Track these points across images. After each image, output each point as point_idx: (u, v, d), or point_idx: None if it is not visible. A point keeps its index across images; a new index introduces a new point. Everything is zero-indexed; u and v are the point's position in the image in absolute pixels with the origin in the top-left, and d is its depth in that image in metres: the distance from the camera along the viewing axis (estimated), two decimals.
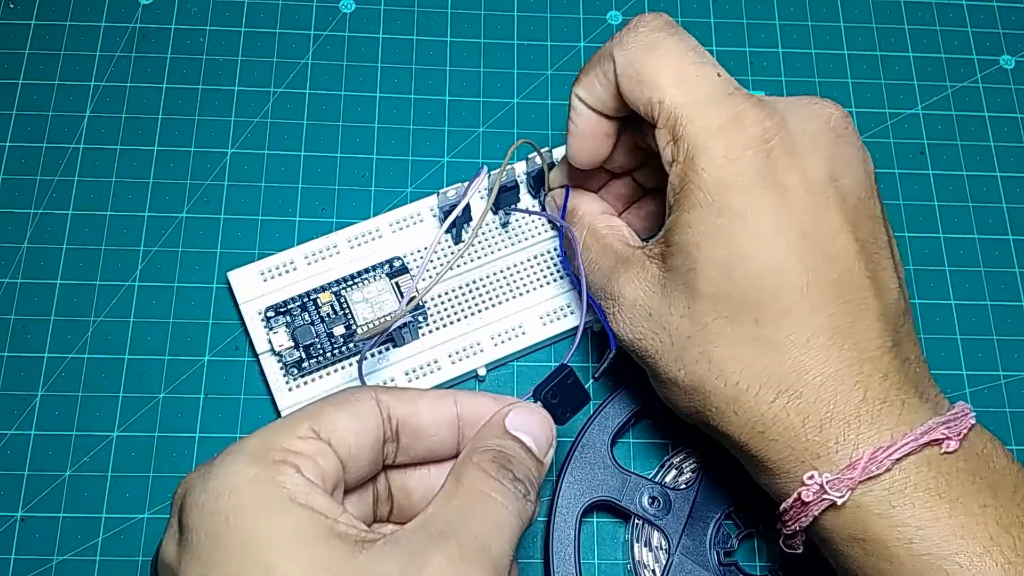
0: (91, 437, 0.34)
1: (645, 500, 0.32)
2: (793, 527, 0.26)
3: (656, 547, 0.32)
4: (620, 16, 0.42)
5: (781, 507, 0.27)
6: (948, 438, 0.25)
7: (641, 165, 0.33)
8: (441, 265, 0.36)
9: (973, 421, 0.26)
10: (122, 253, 0.37)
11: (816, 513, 0.25)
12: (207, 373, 0.35)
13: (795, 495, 0.26)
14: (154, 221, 0.37)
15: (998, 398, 0.36)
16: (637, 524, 0.32)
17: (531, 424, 0.26)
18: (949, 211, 0.39)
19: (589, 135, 0.30)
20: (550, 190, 0.35)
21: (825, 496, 0.25)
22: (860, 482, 0.25)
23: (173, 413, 0.34)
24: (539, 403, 0.27)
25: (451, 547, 0.21)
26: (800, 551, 0.27)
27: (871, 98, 0.41)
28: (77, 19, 0.40)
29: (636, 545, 0.32)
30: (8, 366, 0.35)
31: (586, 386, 0.29)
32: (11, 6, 0.41)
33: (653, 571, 0.32)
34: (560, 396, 0.27)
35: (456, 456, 0.26)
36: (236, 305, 0.35)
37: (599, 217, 0.32)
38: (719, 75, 0.27)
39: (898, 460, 0.24)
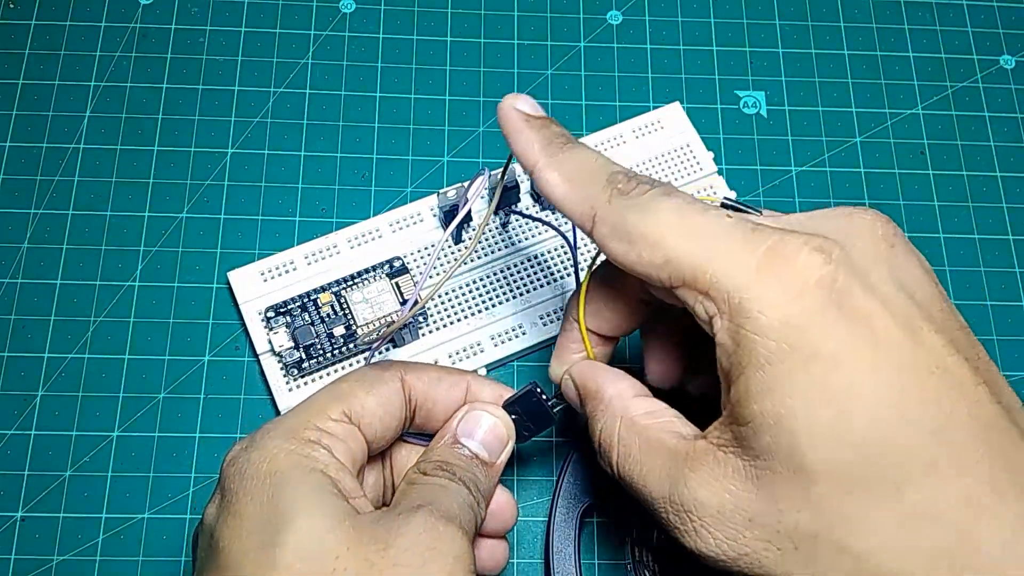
0: (91, 437, 0.34)
1: None
2: None
3: (656, 546, 0.32)
4: (620, 16, 0.42)
5: None
6: None
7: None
8: (443, 267, 0.36)
9: None
10: (122, 253, 0.37)
11: None
12: (207, 373, 0.35)
13: None
14: (154, 221, 0.37)
15: None
16: (637, 524, 0.32)
17: (481, 429, 0.27)
18: (949, 211, 0.39)
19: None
20: (560, 376, 0.28)
21: None
22: None
23: (173, 413, 0.34)
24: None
25: (429, 510, 0.24)
26: None
27: (871, 98, 0.41)
28: (77, 19, 0.40)
29: (636, 545, 0.32)
30: (8, 366, 0.35)
31: (558, 407, 0.28)
32: (11, 6, 0.41)
33: (653, 571, 0.32)
34: (522, 414, 0.28)
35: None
36: (236, 305, 0.35)
37: (632, 402, 0.25)
38: (729, 216, 0.23)
39: None
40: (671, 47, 0.42)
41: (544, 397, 0.28)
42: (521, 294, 0.36)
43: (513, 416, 0.28)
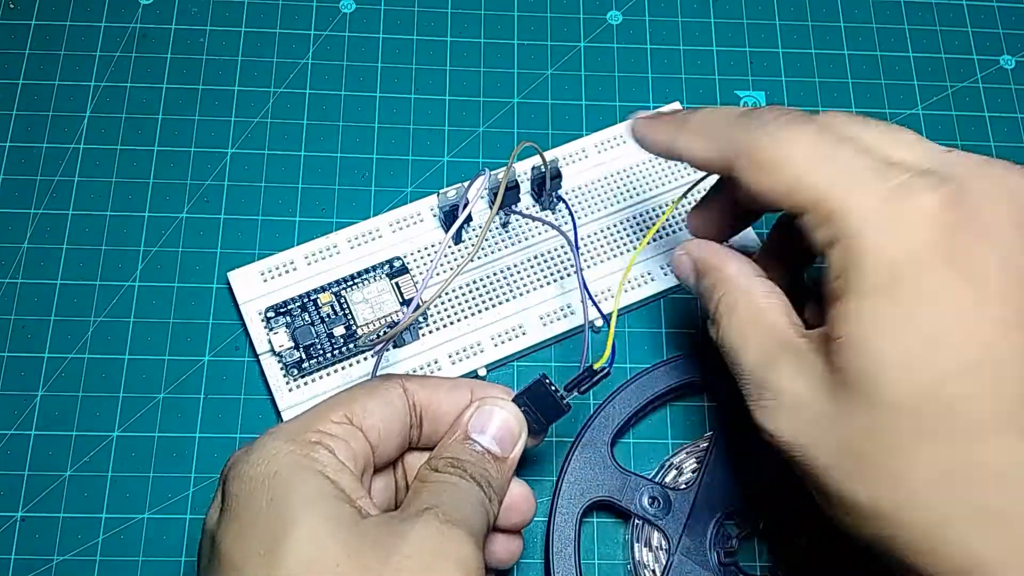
0: (91, 437, 0.34)
1: (645, 500, 0.32)
2: None
3: (656, 547, 0.32)
4: (620, 16, 0.42)
5: None
6: None
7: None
8: (444, 268, 0.36)
9: None
10: (122, 253, 0.37)
11: None
12: (207, 373, 0.35)
13: None
14: (154, 221, 0.37)
15: None
16: (637, 524, 0.32)
17: (492, 424, 0.27)
18: None
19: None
20: (687, 239, 0.30)
21: None
22: None
23: (173, 413, 0.34)
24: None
25: (435, 512, 0.23)
26: None
27: (871, 98, 0.41)
28: (77, 19, 0.40)
29: (636, 545, 0.32)
30: (8, 366, 0.35)
31: (568, 398, 0.28)
32: (11, 6, 0.41)
33: (653, 571, 0.32)
34: (532, 407, 0.28)
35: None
36: (236, 305, 0.35)
37: (754, 282, 0.27)
38: (867, 148, 0.23)
39: None
40: (671, 47, 0.42)
41: (553, 388, 0.28)
42: (521, 294, 0.36)
43: (524, 409, 0.27)
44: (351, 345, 0.34)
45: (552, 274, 0.36)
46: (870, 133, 0.24)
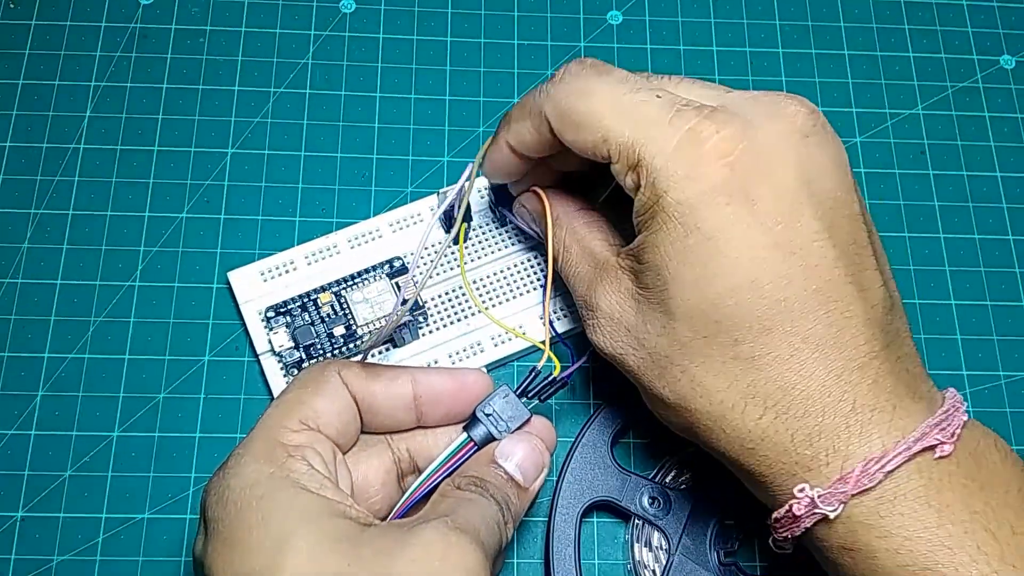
0: (91, 437, 0.34)
1: (645, 500, 0.32)
2: (784, 535, 0.26)
3: (656, 547, 0.32)
4: (620, 16, 0.42)
5: (773, 516, 0.26)
6: (941, 443, 0.24)
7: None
8: (442, 265, 0.36)
9: (965, 417, 0.25)
10: (122, 253, 0.37)
11: (808, 525, 0.25)
12: (207, 373, 0.35)
13: (786, 507, 0.26)
14: (154, 221, 0.37)
15: (998, 398, 0.36)
16: (637, 524, 0.32)
17: (518, 453, 0.27)
18: (949, 211, 0.39)
19: (506, 167, 0.31)
20: (516, 195, 0.33)
21: (816, 510, 0.25)
22: (852, 496, 0.24)
23: (173, 413, 0.34)
24: (479, 420, 0.28)
25: (443, 522, 0.24)
26: (790, 551, 0.27)
27: (871, 98, 0.41)
28: (77, 19, 0.40)
29: (636, 545, 0.32)
30: (8, 366, 0.35)
31: (530, 406, 0.29)
32: (12, 6, 0.41)
33: (653, 571, 0.32)
34: (499, 414, 0.28)
35: (416, 426, 0.29)
36: (236, 305, 0.35)
37: (576, 215, 0.31)
38: (659, 96, 0.27)
39: (890, 472, 0.24)
40: (671, 47, 0.42)
41: (517, 394, 0.29)
42: (521, 294, 0.36)
43: (490, 415, 0.28)
44: (351, 345, 0.34)
45: None
46: (658, 80, 0.28)
